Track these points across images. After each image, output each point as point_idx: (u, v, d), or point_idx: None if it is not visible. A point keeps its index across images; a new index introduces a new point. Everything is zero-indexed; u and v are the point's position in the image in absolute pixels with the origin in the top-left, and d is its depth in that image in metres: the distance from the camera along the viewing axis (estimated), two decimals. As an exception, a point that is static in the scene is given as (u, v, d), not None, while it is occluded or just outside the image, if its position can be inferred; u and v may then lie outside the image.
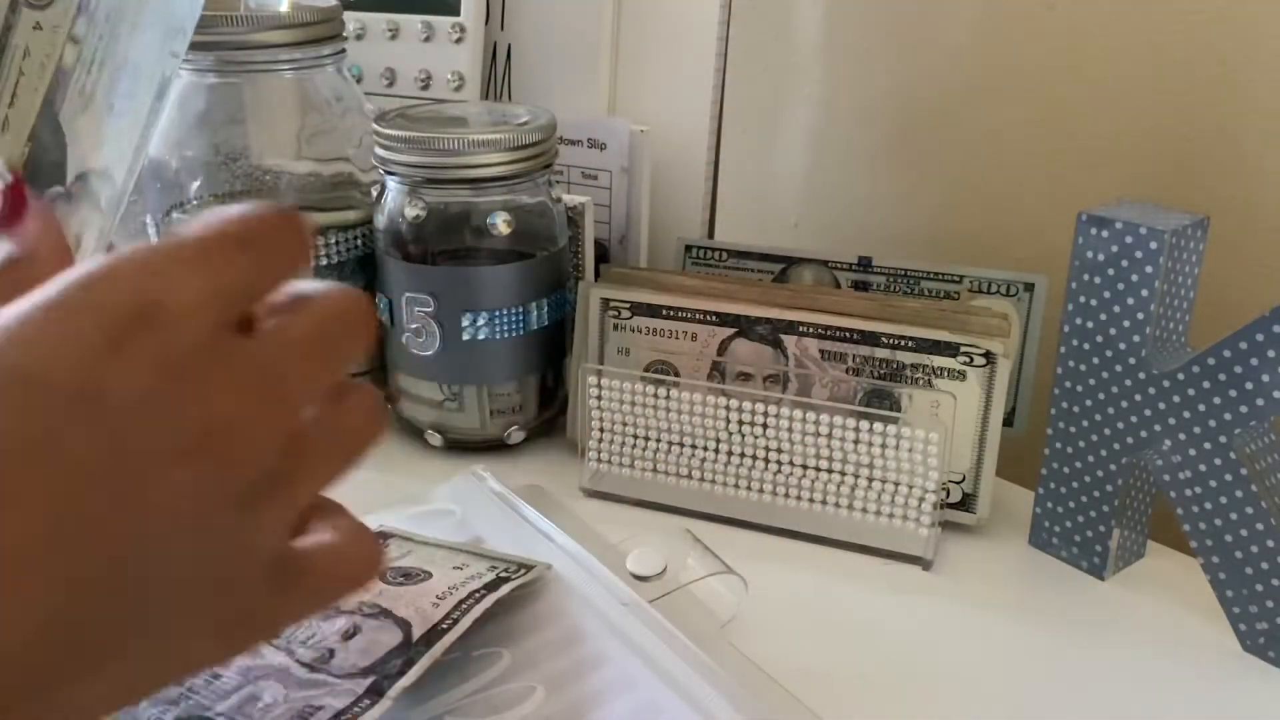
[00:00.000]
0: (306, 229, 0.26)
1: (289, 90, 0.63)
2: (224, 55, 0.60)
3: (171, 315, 0.23)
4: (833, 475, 0.57)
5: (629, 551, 0.49)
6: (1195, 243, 0.50)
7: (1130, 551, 0.55)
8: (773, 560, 0.55)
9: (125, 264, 0.23)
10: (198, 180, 0.62)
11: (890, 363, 0.57)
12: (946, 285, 0.63)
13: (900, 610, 0.51)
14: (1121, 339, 0.50)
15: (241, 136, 0.62)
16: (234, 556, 0.24)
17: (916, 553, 0.55)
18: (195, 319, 0.23)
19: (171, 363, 0.22)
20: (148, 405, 0.22)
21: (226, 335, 0.24)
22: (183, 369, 0.23)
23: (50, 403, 0.21)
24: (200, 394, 0.23)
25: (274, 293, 0.25)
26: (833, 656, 0.48)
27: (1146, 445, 0.50)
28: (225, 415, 0.23)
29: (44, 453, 0.21)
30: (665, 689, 0.41)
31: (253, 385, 0.24)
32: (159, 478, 0.22)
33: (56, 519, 0.21)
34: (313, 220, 0.61)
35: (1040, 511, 0.55)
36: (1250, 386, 0.46)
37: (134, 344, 0.22)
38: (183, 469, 0.23)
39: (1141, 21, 0.62)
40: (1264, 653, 0.48)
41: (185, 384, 0.23)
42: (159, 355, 0.22)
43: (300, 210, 0.26)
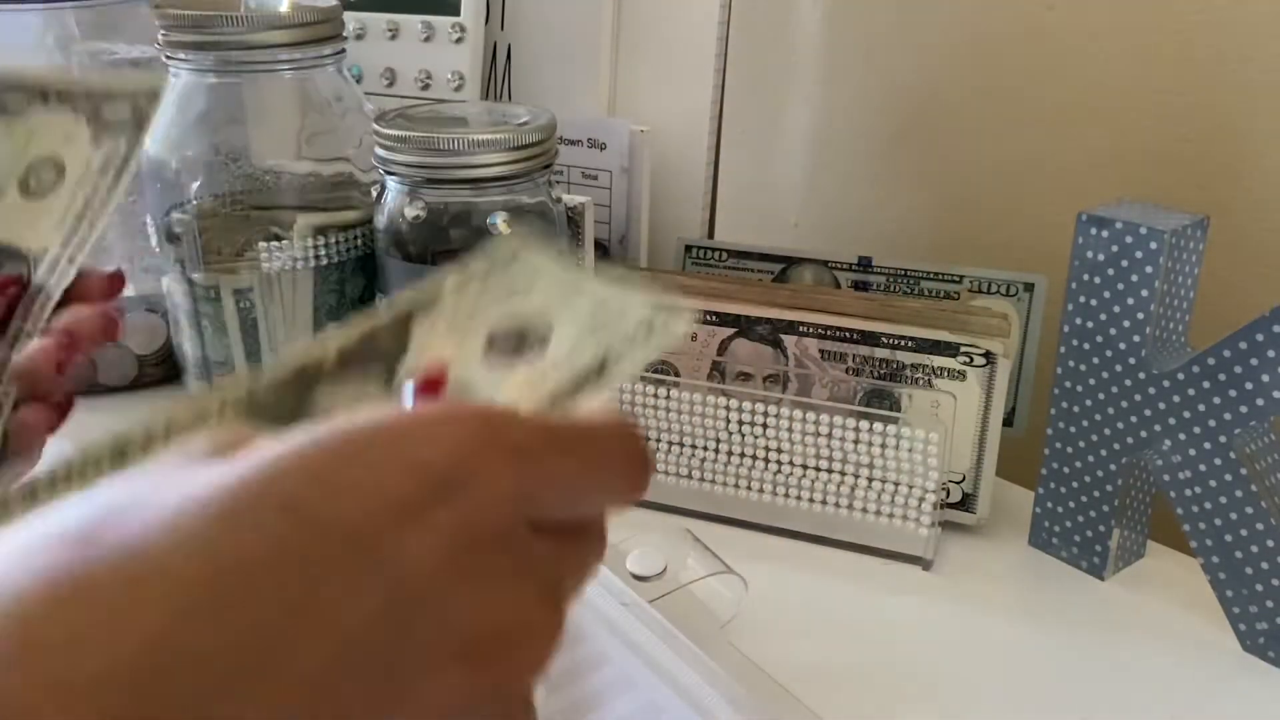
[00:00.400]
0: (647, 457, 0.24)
1: (289, 90, 0.63)
2: (224, 55, 0.60)
3: (480, 496, 0.21)
4: (833, 475, 0.57)
5: (629, 551, 0.49)
6: (1195, 243, 0.50)
7: (1130, 551, 0.55)
8: (773, 560, 0.55)
9: (445, 427, 0.21)
10: (197, 180, 0.62)
11: (890, 363, 0.57)
12: (946, 285, 0.63)
13: (900, 610, 0.51)
14: (1121, 339, 0.50)
15: (241, 136, 0.62)
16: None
17: (916, 553, 0.55)
18: (500, 507, 0.21)
19: (468, 544, 0.21)
20: (438, 588, 0.20)
21: (523, 532, 0.22)
22: (477, 554, 0.21)
23: (338, 555, 0.20)
24: (489, 591, 0.21)
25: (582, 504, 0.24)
26: (833, 656, 0.48)
27: (1146, 445, 0.50)
28: (510, 622, 0.21)
29: (317, 612, 0.19)
30: (665, 689, 0.41)
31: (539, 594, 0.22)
32: (432, 672, 0.20)
33: (313, 688, 0.19)
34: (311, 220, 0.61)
35: (1040, 511, 0.55)
36: (1250, 386, 0.46)
37: (437, 514, 0.20)
38: (458, 671, 0.21)
39: (1141, 22, 0.62)
40: (1264, 653, 0.48)
41: (477, 573, 0.21)
42: (459, 533, 0.21)
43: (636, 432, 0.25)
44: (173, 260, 0.63)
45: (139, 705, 0.18)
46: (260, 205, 0.62)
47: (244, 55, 0.60)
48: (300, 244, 0.60)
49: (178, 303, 0.64)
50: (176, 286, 0.63)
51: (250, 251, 0.61)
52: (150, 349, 0.71)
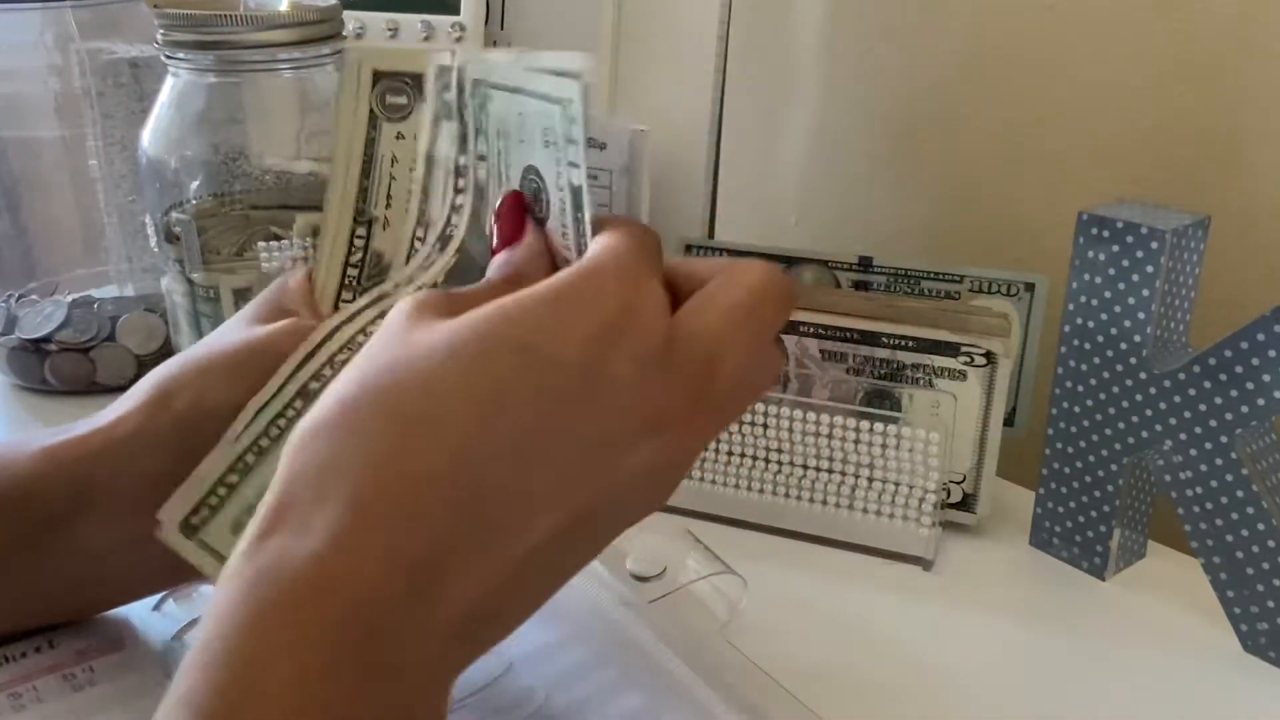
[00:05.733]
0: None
1: (289, 90, 0.63)
2: (223, 55, 0.59)
3: (645, 317, 0.28)
4: (833, 475, 0.57)
5: (629, 551, 0.49)
6: (1196, 242, 0.49)
7: (1131, 552, 0.55)
8: (773, 560, 0.54)
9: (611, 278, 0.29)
10: (197, 180, 0.62)
11: (891, 363, 0.57)
12: (947, 285, 0.63)
13: (900, 610, 0.51)
14: (1122, 339, 0.50)
15: (241, 136, 0.62)
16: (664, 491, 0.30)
17: (917, 553, 0.55)
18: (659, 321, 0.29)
19: (644, 357, 0.28)
20: (628, 389, 0.28)
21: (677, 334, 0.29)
22: (652, 363, 0.28)
23: (550, 372, 0.27)
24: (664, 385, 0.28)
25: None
26: (833, 656, 0.48)
27: (1147, 445, 0.50)
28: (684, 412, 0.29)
29: (542, 414, 0.27)
30: (665, 689, 0.41)
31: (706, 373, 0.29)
32: (631, 452, 0.28)
33: (559, 476, 0.27)
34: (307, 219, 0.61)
35: (1041, 511, 0.55)
36: (1251, 386, 0.46)
37: (622, 337, 0.28)
38: (648, 447, 0.28)
39: (1141, 21, 0.62)
40: (1265, 653, 0.48)
41: (654, 376, 0.28)
42: (637, 349, 0.28)
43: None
44: (172, 260, 0.62)
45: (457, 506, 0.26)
46: (260, 205, 0.62)
47: (244, 55, 0.60)
48: (300, 244, 0.60)
49: (177, 302, 0.64)
50: (175, 286, 0.63)
51: (249, 251, 0.61)
52: (149, 349, 0.71)
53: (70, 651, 0.41)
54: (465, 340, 0.27)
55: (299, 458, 0.28)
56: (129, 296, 0.75)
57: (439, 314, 0.29)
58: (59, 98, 0.72)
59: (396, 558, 0.26)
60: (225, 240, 0.62)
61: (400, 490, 0.26)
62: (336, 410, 0.28)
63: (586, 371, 0.27)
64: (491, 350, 0.27)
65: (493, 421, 0.27)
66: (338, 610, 0.25)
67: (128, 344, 0.71)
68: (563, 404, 0.27)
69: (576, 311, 0.28)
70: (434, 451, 0.27)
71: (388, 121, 0.40)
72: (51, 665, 0.40)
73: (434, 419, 0.27)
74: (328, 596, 0.25)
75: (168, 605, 0.44)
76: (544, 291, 0.28)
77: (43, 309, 0.71)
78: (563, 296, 0.28)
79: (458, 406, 0.27)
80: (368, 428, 0.27)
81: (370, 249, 0.41)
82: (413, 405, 0.27)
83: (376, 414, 0.27)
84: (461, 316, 0.28)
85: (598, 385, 0.27)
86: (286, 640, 0.25)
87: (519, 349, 0.27)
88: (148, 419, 0.39)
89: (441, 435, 0.27)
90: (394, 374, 0.28)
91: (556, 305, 0.28)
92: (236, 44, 0.59)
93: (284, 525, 0.26)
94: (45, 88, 0.72)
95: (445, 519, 0.26)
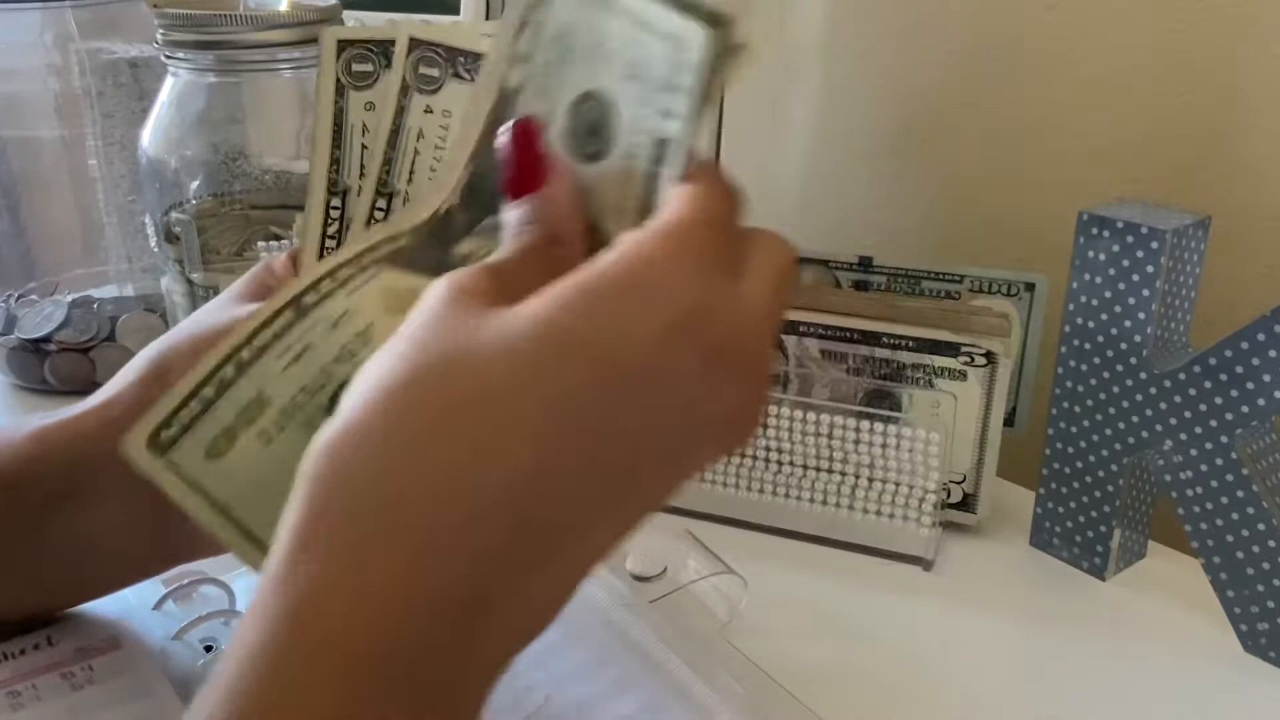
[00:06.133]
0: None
1: (288, 90, 0.63)
2: (223, 55, 0.60)
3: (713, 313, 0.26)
4: (833, 475, 0.57)
5: (629, 552, 0.49)
6: (1196, 242, 0.49)
7: (1131, 552, 0.54)
8: (773, 560, 0.54)
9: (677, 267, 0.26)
10: (197, 180, 0.62)
11: (891, 363, 0.57)
12: (947, 285, 0.63)
13: (900, 610, 0.51)
14: (1122, 339, 0.50)
15: (241, 136, 0.62)
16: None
17: (917, 553, 0.55)
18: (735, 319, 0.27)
19: (711, 357, 0.26)
20: (694, 391, 0.26)
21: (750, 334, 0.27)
22: (718, 362, 0.26)
23: (618, 381, 0.25)
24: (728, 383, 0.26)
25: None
26: (833, 656, 0.48)
27: (1147, 445, 0.50)
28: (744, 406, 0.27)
29: (609, 426, 0.25)
30: (665, 689, 0.41)
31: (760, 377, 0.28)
32: (694, 451, 0.27)
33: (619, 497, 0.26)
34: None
35: (1041, 511, 0.55)
36: (1251, 386, 0.46)
37: (687, 338, 0.25)
38: (713, 446, 0.27)
39: (1142, 22, 0.62)
40: (1265, 653, 0.48)
41: (718, 375, 0.26)
42: (703, 349, 0.26)
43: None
44: (171, 260, 0.62)
45: (539, 511, 0.24)
46: (259, 205, 0.62)
47: (243, 55, 0.60)
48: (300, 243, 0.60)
49: (176, 302, 0.64)
50: (175, 286, 0.63)
51: (249, 251, 0.61)
52: (149, 349, 0.71)
53: (69, 650, 0.41)
54: (524, 350, 0.25)
55: (332, 464, 0.25)
56: (129, 296, 0.75)
57: (484, 300, 0.26)
58: (59, 98, 0.72)
59: (445, 593, 0.24)
60: (225, 240, 0.62)
61: (453, 519, 0.24)
62: (377, 413, 0.25)
63: (651, 380, 0.25)
64: (555, 362, 0.25)
65: (556, 447, 0.24)
66: (379, 646, 0.23)
67: (128, 344, 0.71)
68: (627, 416, 0.25)
69: (644, 312, 0.25)
70: (493, 478, 0.24)
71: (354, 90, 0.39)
72: (51, 663, 0.40)
73: (493, 443, 0.24)
74: (369, 631, 0.23)
75: (167, 605, 0.44)
76: (611, 282, 0.26)
77: (43, 309, 0.71)
78: (630, 290, 0.25)
79: (521, 420, 0.24)
80: (416, 442, 0.24)
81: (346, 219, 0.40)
82: (469, 424, 0.24)
83: (426, 427, 0.24)
84: (514, 312, 0.26)
85: (662, 393, 0.25)
86: (323, 674, 0.23)
87: (587, 359, 0.25)
88: (140, 396, 0.39)
89: (502, 461, 0.24)
90: (444, 382, 0.25)
91: (624, 302, 0.25)
92: (236, 44, 0.59)
93: (318, 547, 0.24)
94: (45, 87, 0.72)
95: (500, 551, 0.24)
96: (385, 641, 0.23)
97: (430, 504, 0.24)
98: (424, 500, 0.24)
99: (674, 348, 0.25)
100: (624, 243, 0.26)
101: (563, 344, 0.25)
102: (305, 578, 0.24)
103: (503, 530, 0.24)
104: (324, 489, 0.25)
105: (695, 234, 0.27)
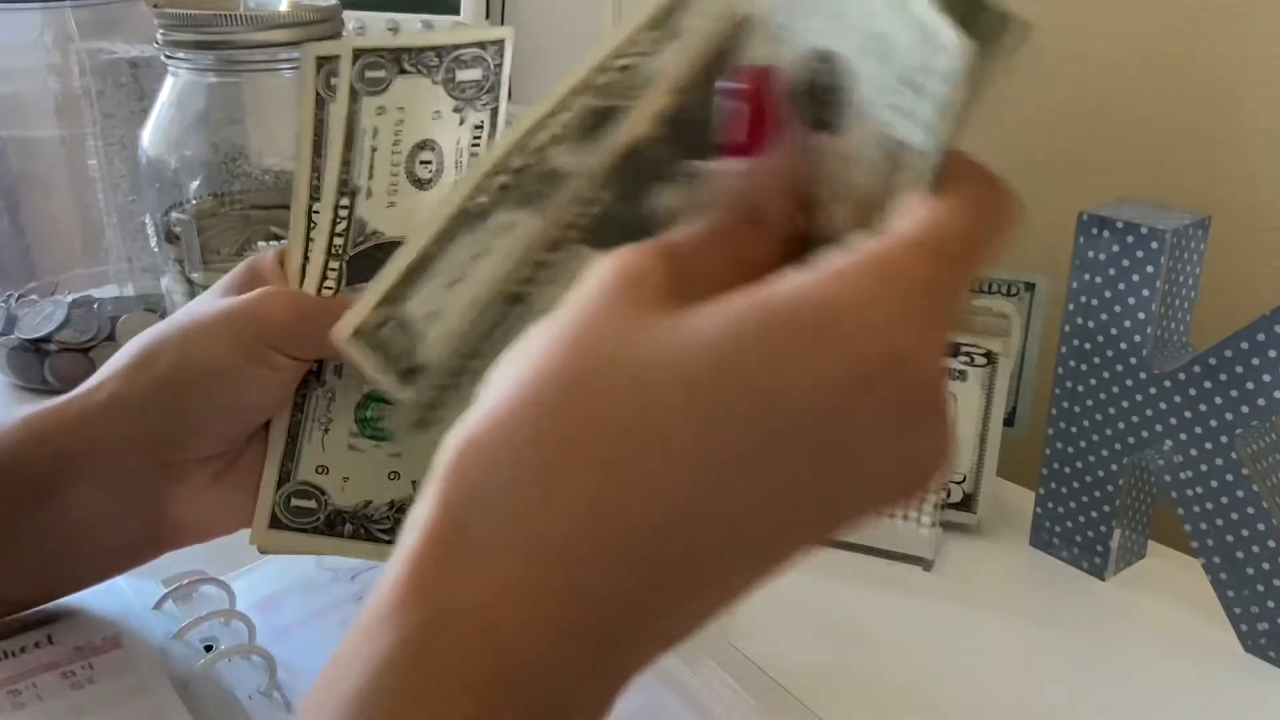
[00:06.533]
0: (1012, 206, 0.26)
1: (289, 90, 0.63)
2: (223, 55, 0.60)
3: (913, 369, 0.23)
4: (833, 475, 0.56)
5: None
6: (1196, 242, 0.49)
7: (1131, 552, 0.54)
8: (773, 560, 0.54)
9: (875, 312, 0.23)
10: (196, 180, 0.62)
11: (890, 363, 0.57)
12: (947, 285, 0.63)
13: (900, 610, 0.51)
14: (1122, 339, 0.50)
15: (241, 136, 0.62)
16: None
17: (917, 553, 0.55)
18: (927, 376, 0.23)
19: (901, 411, 0.23)
20: (876, 447, 0.23)
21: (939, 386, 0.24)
22: (905, 415, 0.23)
23: (784, 424, 0.22)
24: (915, 440, 0.24)
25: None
26: (833, 657, 0.48)
27: (1147, 445, 0.50)
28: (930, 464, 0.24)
29: (769, 469, 0.22)
30: (665, 689, 0.41)
31: (941, 422, 0.24)
32: (866, 510, 0.24)
33: (771, 543, 0.23)
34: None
35: (1041, 511, 0.55)
36: (1251, 386, 0.46)
37: (876, 390, 0.23)
38: (884, 498, 0.24)
39: (1141, 22, 0.62)
40: (1265, 653, 0.48)
41: (904, 427, 0.23)
42: (894, 403, 0.23)
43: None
44: (171, 260, 0.62)
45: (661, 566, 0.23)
46: (259, 205, 0.62)
47: (243, 55, 0.60)
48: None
49: (176, 302, 0.64)
50: (175, 286, 0.63)
51: (249, 251, 0.61)
52: (149, 349, 0.71)
53: (70, 648, 0.41)
54: (693, 375, 0.23)
55: (471, 465, 0.23)
56: (129, 296, 0.75)
57: (657, 293, 0.24)
58: (59, 97, 0.72)
59: (584, 624, 0.22)
60: (225, 240, 0.62)
61: (594, 561, 0.22)
62: (525, 414, 0.23)
63: (831, 434, 0.23)
64: (724, 398, 0.22)
65: (716, 485, 0.22)
66: (510, 671, 0.22)
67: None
68: (797, 470, 0.23)
69: (833, 361, 0.22)
70: (639, 520, 0.22)
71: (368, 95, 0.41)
72: (51, 662, 0.40)
73: (646, 479, 0.22)
74: (502, 655, 0.22)
75: (167, 605, 0.44)
76: (795, 320, 0.23)
77: (43, 309, 0.71)
78: (819, 332, 0.22)
79: (676, 470, 0.22)
80: (563, 460, 0.23)
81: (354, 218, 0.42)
82: (623, 451, 0.22)
83: (577, 444, 0.23)
84: (688, 323, 0.23)
85: (842, 452, 0.23)
86: (452, 693, 0.22)
87: (758, 401, 0.22)
88: (127, 382, 0.39)
89: (651, 502, 0.22)
90: (601, 395, 0.23)
91: (808, 345, 0.22)
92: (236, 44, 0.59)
93: (452, 563, 0.23)
94: (45, 87, 0.72)
95: (645, 586, 0.23)
96: (512, 672, 0.22)
97: (571, 539, 0.22)
98: (564, 532, 0.22)
99: (859, 402, 0.23)
100: (828, 267, 0.23)
101: (736, 377, 0.22)
102: (436, 593, 0.23)
103: (642, 578, 0.23)
104: (461, 493, 0.23)
105: (916, 274, 0.23)
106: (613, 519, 0.22)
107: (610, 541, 0.22)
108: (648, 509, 0.22)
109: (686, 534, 0.23)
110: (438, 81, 0.41)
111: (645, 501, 0.22)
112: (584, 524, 0.22)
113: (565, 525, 0.22)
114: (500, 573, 0.22)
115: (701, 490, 0.22)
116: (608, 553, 0.22)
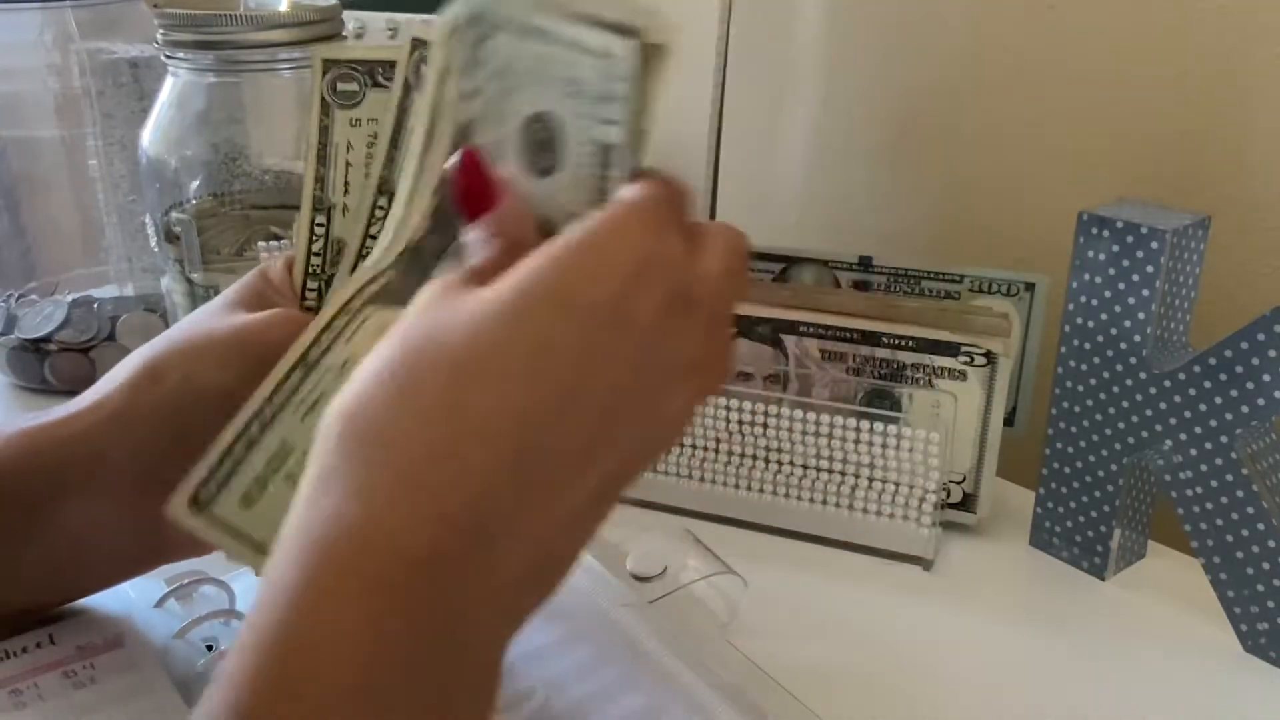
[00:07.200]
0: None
1: (289, 90, 0.63)
2: (223, 55, 0.60)
3: (668, 263, 0.29)
4: (833, 475, 0.57)
5: (629, 552, 0.49)
6: (1196, 242, 0.49)
7: (1131, 552, 0.55)
8: (773, 560, 0.54)
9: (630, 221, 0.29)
10: (196, 180, 0.62)
11: (891, 362, 0.57)
12: (947, 285, 0.63)
13: (900, 610, 0.51)
14: (1122, 339, 0.50)
15: (241, 136, 0.62)
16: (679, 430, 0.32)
17: (917, 553, 0.55)
18: (679, 269, 0.29)
19: (671, 300, 0.29)
20: (661, 332, 0.29)
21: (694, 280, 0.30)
22: (678, 306, 0.29)
23: (588, 321, 0.28)
24: (691, 329, 0.29)
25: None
26: (833, 657, 0.48)
27: (1147, 445, 0.50)
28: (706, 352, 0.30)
29: (586, 362, 0.28)
30: (665, 689, 0.41)
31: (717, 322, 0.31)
32: (670, 393, 0.30)
33: (604, 428, 0.28)
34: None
35: (1041, 511, 0.55)
36: (1251, 386, 0.46)
37: (649, 282, 0.28)
38: (684, 387, 0.30)
39: (1141, 21, 0.62)
40: (1265, 653, 0.48)
41: (680, 318, 0.29)
42: (664, 293, 0.29)
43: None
44: (171, 260, 0.62)
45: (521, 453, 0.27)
46: (259, 205, 0.62)
47: (243, 55, 0.60)
48: (299, 243, 0.60)
49: (177, 302, 0.64)
50: (175, 286, 0.63)
51: (249, 251, 0.61)
52: (149, 349, 0.71)
53: (71, 648, 0.41)
54: (503, 299, 0.28)
55: (341, 424, 0.28)
56: (129, 296, 0.75)
57: (465, 289, 0.29)
58: (59, 98, 0.72)
59: (451, 518, 0.26)
60: (225, 240, 0.62)
61: (449, 450, 0.27)
62: (376, 376, 0.28)
63: (619, 319, 0.28)
64: (531, 306, 0.28)
65: (538, 376, 0.27)
66: (399, 567, 0.26)
67: (127, 344, 0.71)
68: (602, 353, 0.28)
69: (603, 260, 0.28)
70: (482, 410, 0.27)
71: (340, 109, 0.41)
72: (52, 662, 0.40)
73: (480, 376, 0.27)
74: (388, 555, 0.26)
75: (169, 604, 0.44)
76: (571, 244, 0.29)
77: (43, 309, 0.71)
78: (589, 247, 0.29)
79: (503, 363, 0.27)
80: (413, 389, 0.27)
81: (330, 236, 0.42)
82: (458, 364, 0.27)
83: (421, 375, 0.28)
84: (491, 285, 0.29)
85: (631, 332, 0.28)
86: (354, 589, 0.25)
87: (557, 303, 0.28)
88: (132, 399, 0.39)
89: (489, 393, 0.27)
90: (437, 335, 0.28)
91: (584, 255, 0.28)
92: (236, 44, 0.59)
93: (333, 489, 0.27)
94: (45, 87, 0.72)
95: (497, 478, 0.27)
96: (401, 567, 0.26)
97: (425, 439, 0.27)
98: (420, 437, 0.27)
99: (635, 291, 0.28)
100: (581, 223, 0.29)
101: (535, 295, 0.28)
102: (321, 516, 0.26)
103: (492, 462, 0.27)
104: (338, 443, 0.27)
105: (647, 205, 0.30)
106: (457, 420, 0.27)
107: (458, 434, 0.27)
108: (487, 405, 0.27)
109: (522, 423, 0.27)
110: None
111: (483, 400, 0.27)
112: (437, 428, 0.27)
113: (421, 433, 0.27)
114: (372, 484, 0.26)
115: (526, 383, 0.27)
116: (458, 443, 0.27)
